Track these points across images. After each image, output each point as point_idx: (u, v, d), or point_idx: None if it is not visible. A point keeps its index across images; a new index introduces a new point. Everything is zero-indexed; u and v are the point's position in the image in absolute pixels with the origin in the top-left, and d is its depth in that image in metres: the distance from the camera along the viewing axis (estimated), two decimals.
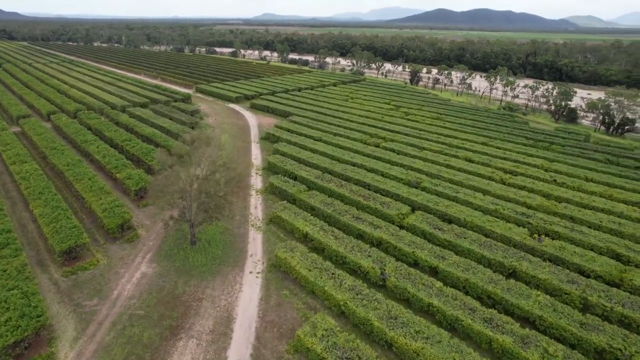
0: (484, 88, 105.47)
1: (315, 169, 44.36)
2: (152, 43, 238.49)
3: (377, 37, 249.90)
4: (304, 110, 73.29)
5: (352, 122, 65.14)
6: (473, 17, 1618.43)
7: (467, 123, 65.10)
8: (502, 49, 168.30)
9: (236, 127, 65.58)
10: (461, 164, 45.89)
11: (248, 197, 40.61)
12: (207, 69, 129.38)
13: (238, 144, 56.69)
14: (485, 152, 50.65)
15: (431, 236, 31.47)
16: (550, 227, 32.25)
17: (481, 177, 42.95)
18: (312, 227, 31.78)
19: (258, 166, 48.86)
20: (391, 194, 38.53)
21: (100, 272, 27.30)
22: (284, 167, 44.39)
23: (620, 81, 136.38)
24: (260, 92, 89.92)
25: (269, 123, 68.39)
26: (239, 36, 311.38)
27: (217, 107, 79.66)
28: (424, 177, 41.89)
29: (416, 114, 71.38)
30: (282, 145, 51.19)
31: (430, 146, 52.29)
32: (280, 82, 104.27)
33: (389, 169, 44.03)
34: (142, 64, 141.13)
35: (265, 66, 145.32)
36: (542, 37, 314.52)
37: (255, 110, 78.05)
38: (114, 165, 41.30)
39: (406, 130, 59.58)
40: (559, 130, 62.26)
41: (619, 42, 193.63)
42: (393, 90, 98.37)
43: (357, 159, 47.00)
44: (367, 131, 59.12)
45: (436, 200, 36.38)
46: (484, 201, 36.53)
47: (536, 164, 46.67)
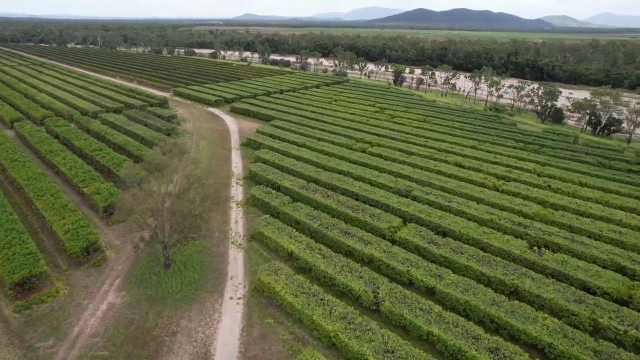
0: (468, 88, 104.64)
1: (300, 178, 41.89)
2: (129, 44, 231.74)
3: (359, 37, 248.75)
4: (287, 113, 70.70)
5: (336, 125, 62.87)
6: (452, 17, 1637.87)
7: (454, 125, 63.57)
8: (484, 48, 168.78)
9: (216, 132, 62.54)
10: (452, 170, 44.07)
11: (228, 210, 37.84)
12: (186, 71, 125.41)
13: (217, 152, 53.75)
14: (476, 156, 49.01)
15: (426, 252, 29.36)
16: (549, 238, 30.53)
17: (473, 184, 41.18)
18: (298, 245, 29.30)
19: (239, 175, 46.08)
20: (381, 205, 36.35)
21: (60, 304, 24.23)
22: (266, 177, 41.77)
23: (599, 80, 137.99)
24: (241, 95, 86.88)
25: (250, 128, 65.57)
26: (219, 37, 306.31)
27: (195, 111, 76.36)
28: (414, 185, 39.87)
29: (402, 117, 69.56)
30: (264, 153, 48.54)
31: (419, 151, 50.39)
32: (261, 84, 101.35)
33: (377, 176, 41.87)
34: (118, 67, 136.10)
35: (246, 67, 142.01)
36: (521, 37, 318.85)
37: (235, 114, 75.05)
38: (82, 179, 37.99)
39: (393, 134, 57.61)
40: (547, 132, 61.27)
41: (596, 41, 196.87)
42: (377, 91, 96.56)
43: (343, 166, 44.71)
44: (352, 135, 56.92)
45: (428, 211, 34.34)
46: (479, 210, 34.67)
47: (529, 168, 45.20)
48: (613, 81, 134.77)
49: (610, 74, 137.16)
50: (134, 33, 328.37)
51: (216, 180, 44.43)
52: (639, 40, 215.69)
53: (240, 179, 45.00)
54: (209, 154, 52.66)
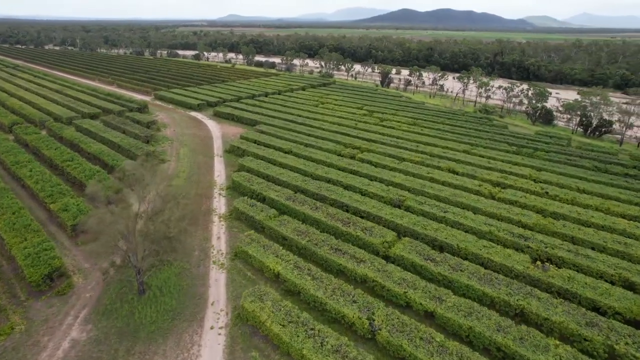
0: (457, 89, 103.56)
1: (286, 188, 39.50)
2: (110, 46, 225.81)
3: (345, 38, 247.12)
4: (272, 118, 68.21)
5: (324, 130, 60.62)
6: (436, 17, 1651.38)
7: (445, 129, 61.89)
8: (470, 48, 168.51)
9: (198, 139, 59.72)
10: (445, 177, 42.20)
11: (210, 225, 35.26)
12: (168, 74, 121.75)
13: (199, 160, 51.00)
14: (469, 161, 47.26)
15: (423, 270, 27.30)
16: (552, 251, 28.76)
17: (469, 192, 39.34)
18: (285, 265, 26.95)
19: (222, 185, 43.47)
20: (373, 217, 34.20)
21: (14, 344, 21.42)
22: (250, 187, 39.29)
23: (584, 80, 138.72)
24: (225, 99, 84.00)
25: (234, 133, 62.91)
26: (203, 38, 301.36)
27: (177, 116, 73.30)
28: (406, 194, 37.84)
29: (391, 120, 67.66)
30: (248, 160, 46.02)
31: (410, 156, 48.45)
32: (245, 87, 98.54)
33: (367, 185, 39.74)
34: (97, 69, 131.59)
35: (230, 69, 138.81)
36: (505, 37, 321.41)
37: (219, 118, 72.24)
38: (49, 194, 34.97)
39: (382, 139, 55.61)
40: (540, 135, 60.00)
41: (579, 41, 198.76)
42: (365, 93, 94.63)
43: (332, 174, 42.48)
44: (341, 141, 54.74)
45: (423, 223, 32.31)
46: (476, 221, 32.78)
47: (524, 173, 43.59)
48: (597, 81, 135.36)
49: (594, 74, 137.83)
50: (115, 34, 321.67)
51: (197, 191, 41.78)
52: (620, 40, 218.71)
53: (223, 190, 42.41)
54: (190, 162, 49.88)
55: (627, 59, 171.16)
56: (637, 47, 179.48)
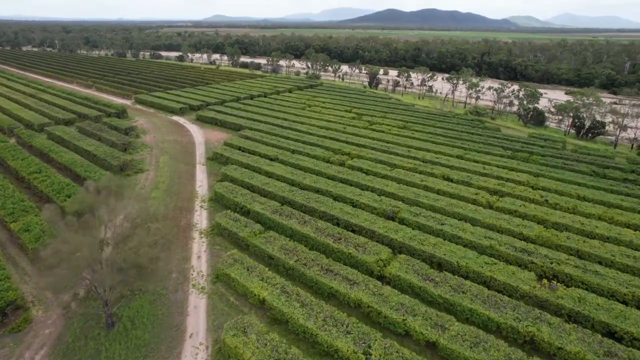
0: (446, 90, 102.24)
1: (272, 200, 36.99)
2: (90, 47, 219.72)
3: (331, 38, 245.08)
4: (257, 122, 65.52)
5: (311, 135, 58.20)
6: (422, 17, 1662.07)
7: (437, 132, 59.99)
8: (457, 48, 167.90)
9: (179, 145, 56.76)
10: (440, 185, 40.14)
11: (190, 242, 32.55)
12: (150, 76, 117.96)
13: (180, 168, 48.12)
14: (463, 167, 45.33)
15: (422, 292, 25.09)
16: (558, 267, 26.82)
17: (465, 201, 37.33)
18: (271, 290, 24.46)
19: (204, 197, 40.73)
20: (365, 231, 31.91)
21: None
22: (233, 199, 36.66)
23: (571, 80, 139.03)
24: (208, 102, 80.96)
25: (218, 139, 60.09)
26: (188, 39, 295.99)
27: (158, 120, 70.09)
28: (400, 205, 35.67)
29: (381, 123, 65.56)
30: (231, 169, 43.34)
31: (402, 163, 46.32)
32: (230, 90, 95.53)
33: (359, 195, 37.45)
34: (76, 72, 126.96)
35: (215, 71, 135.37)
36: (490, 36, 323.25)
37: (202, 123, 69.26)
38: (10, 211, 31.87)
39: (373, 144, 53.44)
40: (534, 137, 58.49)
41: (565, 41, 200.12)
42: (353, 95, 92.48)
43: (320, 183, 40.09)
44: (329, 146, 52.39)
45: (420, 238, 30.13)
46: (475, 235, 30.72)
47: (521, 180, 41.80)
48: (584, 80, 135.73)
49: (581, 74, 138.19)
50: (97, 35, 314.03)
51: (177, 204, 38.98)
52: (604, 40, 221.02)
53: (205, 201, 39.68)
54: (171, 171, 46.97)
55: (610, 59, 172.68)
56: (621, 47, 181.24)
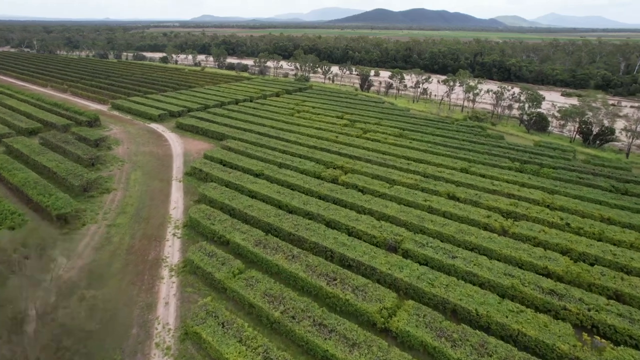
0: (442, 93, 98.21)
1: (256, 228, 32.11)
2: (70, 48, 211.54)
3: (320, 39, 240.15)
4: (242, 130, 60.43)
5: (301, 145, 53.35)
6: (411, 17, 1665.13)
7: (436, 141, 55.46)
8: (449, 49, 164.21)
9: (155, 158, 51.44)
10: (445, 205, 35.57)
11: (157, 283, 27.45)
12: (130, 79, 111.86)
13: (153, 186, 42.86)
14: (469, 183, 40.85)
15: (438, 354, 20.41)
16: (598, 316, 22.38)
17: (477, 226, 32.84)
18: (251, 358, 19.55)
19: (178, 221, 35.61)
20: (364, 267, 27.19)
21: None
22: (211, 227, 31.67)
23: (565, 80, 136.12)
24: (190, 108, 75.59)
25: (199, 150, 54.92)
26: (173, 39, 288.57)
27: (134, 129, 64.54)
28: (403, 232, 31.02)
29: (375, 131, 60.87)
30: (210, 189, 38.26)
31: (402, 178, 41.68)
32: (214, 94, 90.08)
33: (355, 220, 32.70)
34: (52, 74, 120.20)
35: (199, 73, 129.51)
36: (479, 36, 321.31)
37: (182, 131, 63.92)
38: None
39: (368, 155, 48.76)
40: (541, 147, 54.29)
41: (557, 41, 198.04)
42: (344, 99, 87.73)
43: (311, 204, 35.27)
44: (320, 159, 47.55)
45: (429, 277, 25.48)
46: (493, 271, 26.17)
47: (535, 198, 37.40)
48: (579, 81, 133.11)
49: (576, 75, 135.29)
50: (79, 35, 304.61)
51: (146, 231, 33.81)
52: (596, 40, 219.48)
53: (179, 228, 34.58)
54: (142, 190, 41.69)
55: (603, 59, 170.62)
56: (613, 47, 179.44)
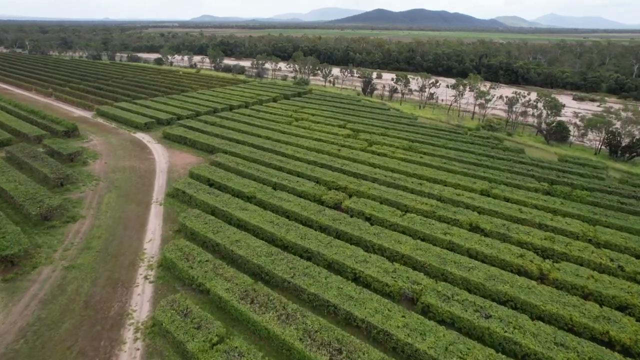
0: (449, 97, 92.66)
1: (243, 272, 26.54)
2: (63, 49, 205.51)
3: (320, 39, 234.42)
4: (234, 142, 54.88)
5: (299, 161, 47.78)
6: (410, 17, 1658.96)
7: (450, 155, 49.85)
8: (454, 50, 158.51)
9: (135, 175, 45.83)
10: (469, 240, 29.96)
11: (115, 352, 21.84)
12: (121, 82, 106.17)
13: (129, 211, 37.24)
14: (493, 209, 35.23)
15: None
16: None
17: (509, 270, 27.26)
18: None
19: (152, 259, 30.03)
20: (377, 331, 21.60)
21: None
22: (188, 272, 26.12)
23: (576, 83, 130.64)
24: (180, 115, 69.97)
25: (186, 164, 49.36)
26: (171, 40, 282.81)
27: (116, 140, 58.92)
28: (422, 278, 25.45)
29: (382, 143, 55.23)
30: (192, 218, 32.69)
31: (415, 203, 36.06)
32: (207, 99, 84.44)
33: (363, 262, 27.11)
34: (39, 77, 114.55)
35: (194, 76, 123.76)
36: (481, 36, 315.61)
37: (169, 142, 58.32)
38: None
39: (374, 174, 43.14)
40: (568, 162, 48.68)
41: (564, 42, 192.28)
42: (346, 105, 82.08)
43: (310, 239, 29.71)
44: (321, 177, 41.94)
45: (460, 349, 19.90)
46: (540, 339, 20.58)
47: (574, 230, 31.80)
48: (590, 84, 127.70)
49: (587, 77, 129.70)
50: (75, 36, 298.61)
51: (112, 273, 28.19)
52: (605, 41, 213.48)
53: (152, 268, 28.99)
54: (115, 217, 36.06)
55: (613, 61, 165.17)
56: (622, 48, 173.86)
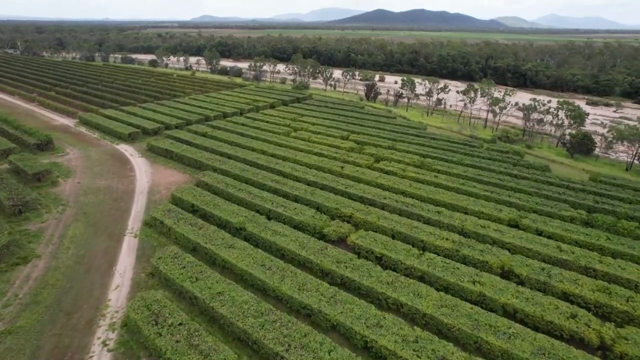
0: (457, 101, 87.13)
1: (225, 339, 20.88)
2: (56, 50, 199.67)
3: (321, 40, 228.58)
4: (225, 157, 49.28)
5: (297, 181, 42.15)
6: (410, 18, 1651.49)
7: (468, 174, 44.09)
8: (459, 52, 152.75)
9: (110, 198, 40.19)
10: (504, 293, 24.27)
11: None
12: (110, 86, 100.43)
13: (97, 246, 31.58)
14: (527, 246, 29.55)
15: None
16: None
17: (559, 336, 21.58)
18: None
19: (116, 315, 24.38)
20: None
21: None
22: (154, 341, 20.49)
23: (588, 87, 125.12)
24: (168, 124, 64.32)
25: (169, 183, 43.75)
26: (168, 40, 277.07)
27: (96, 153, 53.31)
28: (452, 352, 19.81)
29: (390, 158, 49.53)
30: (168, 259, 27.05)
31: (433, 238, 30.39)
32: (200, 105, 78.71)
33: (376, 325, 21.49)
34: (26, 80, 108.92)
35: (188, 79, 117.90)
36: (482, 37, 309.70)
37: (154, 156, 52.71)
38: None
39: (383, 197, 37.44)
40: (603, 183, 43.00)
41: (572, 42, 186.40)
42: (349, 112, 76.29)
43: (310, 290, 24.11)
44: (322, 203, 36.28)
45: None
46: None
47: (632, 278, 26.01)
48: (603, 88, 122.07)
49: (599, 80, 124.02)
50: (71, 36, 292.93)
51: (59, 341, 22.50)
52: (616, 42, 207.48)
53: (115, 329, 23.38)
54: (78, 255, 30.40)
55: (623, 63, 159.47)
56: (632, 49, 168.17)
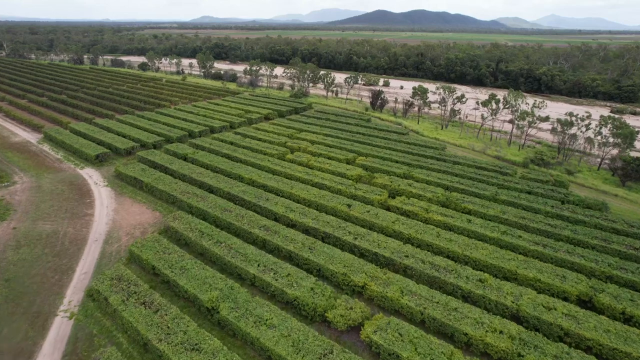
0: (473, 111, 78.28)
1: None
2: (43, 52, 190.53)
3: (321, 42, 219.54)
4: (205, 190, 40.30)
5: (291, 227, 33.14)
6: (411, 18, 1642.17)
7: (507, 216, 34.94)
8: (467, 54, 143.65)
9: (50, 252, 31.17)
10: None
11: None
12: (91, 93, 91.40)
13: (9, 335, 22.57)
14: (614, 346, 20.54)
15: None
16: None
17: None
18: None
19: None
20: None
21: None
22: None
23: (609, 92, 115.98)
24: (145, 142, 55.32)
25: (134, 226, 34.82)
26: (164, 42, 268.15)
27: (51, 181, 44.30)
28: None
29: (407, 192, 40.40)
30: None
31: (483, 333, 21.34)
32: (185, 117, 69.44)
33: None
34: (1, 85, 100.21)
35: (178, 85, 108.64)
36: (483, 38, 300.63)
37: (121, 185, 43.75)
38: None
39: (404, 255, 28.38)
40: None
41: (586, 44, 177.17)
42: (354, 126, 66.95)
43: None
44: (324, 266, 27.24)
45: None
46: None
47: None
48: (626, 94, 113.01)
49: (621, 86, 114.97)
50: (64, 37, 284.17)
51: None
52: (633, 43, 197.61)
53: None
54: None
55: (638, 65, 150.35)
56: None
